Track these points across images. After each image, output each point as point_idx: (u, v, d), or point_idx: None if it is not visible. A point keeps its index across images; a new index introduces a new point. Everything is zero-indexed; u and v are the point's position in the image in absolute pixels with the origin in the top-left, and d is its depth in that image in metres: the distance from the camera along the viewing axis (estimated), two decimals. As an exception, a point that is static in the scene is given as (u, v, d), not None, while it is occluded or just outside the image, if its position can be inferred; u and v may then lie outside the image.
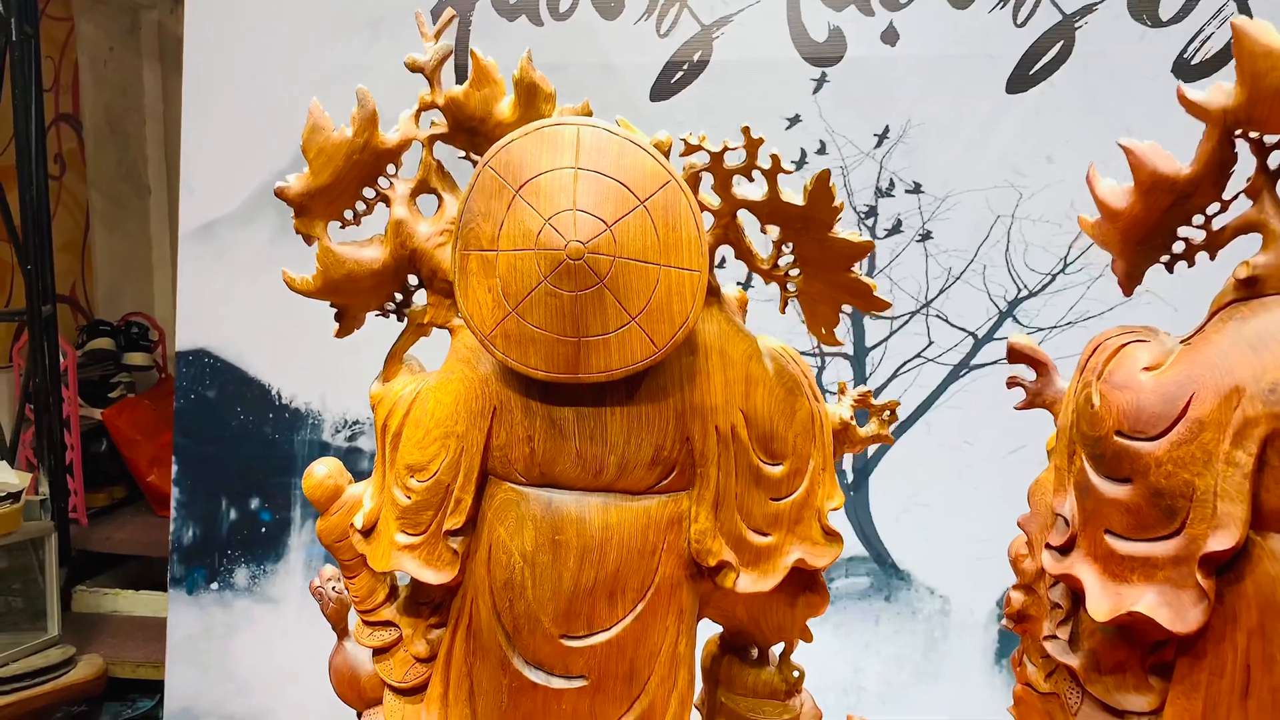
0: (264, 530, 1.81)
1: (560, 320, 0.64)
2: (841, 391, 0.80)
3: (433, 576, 0.72)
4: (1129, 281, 0.71)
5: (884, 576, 1.61)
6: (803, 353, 0.76)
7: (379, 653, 0.80)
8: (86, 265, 3.09)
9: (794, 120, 1.61)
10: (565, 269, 0.63)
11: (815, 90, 1.61)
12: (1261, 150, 0.64)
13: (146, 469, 2.74)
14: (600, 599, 0.69)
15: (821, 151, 1.61)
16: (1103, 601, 0.65)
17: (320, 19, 1.74)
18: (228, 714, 1.83)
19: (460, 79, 0.75)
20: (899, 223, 1.60)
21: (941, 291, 1.60)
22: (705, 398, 0.69)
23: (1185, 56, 1.52)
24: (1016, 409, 0.78)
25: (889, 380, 1.61)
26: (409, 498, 0.72)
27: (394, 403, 0.74)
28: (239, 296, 1.79)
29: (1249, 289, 0.64)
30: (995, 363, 1.58)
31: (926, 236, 1.60)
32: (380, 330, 0.81)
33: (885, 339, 1.62)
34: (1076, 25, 1.55)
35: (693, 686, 0.73)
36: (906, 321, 1.61)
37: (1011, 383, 0.79)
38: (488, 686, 0.72)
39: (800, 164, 1.60)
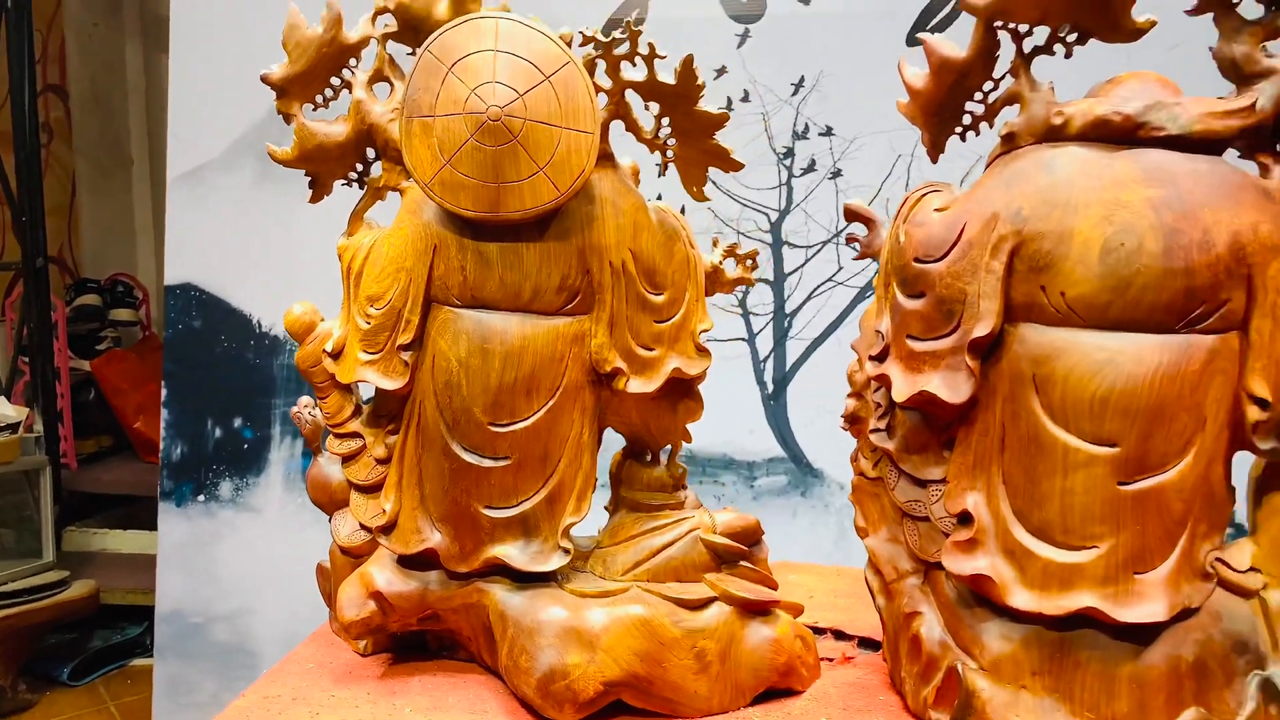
0: (246, 446, 1.99)
1: (484, 169, 0.83)
2: (714, 245, 1.00)
3: (389, 384, 0.91)
4: (934, 150, 0.91)
5: (800, 475, 1.81)
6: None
7: (347, 460, 0.98)
8: (73, 229, 3.26)
9: (721, 71, 1.81)
10: (487, 128, 0.82)
11: (739, 45, 1.81)
12: (1018, 37, 0.84)
13: (133, 416, 2.91)
14: (520, 394, 0.88)
15: (745, 99, 1.82)
16: (903, 387, 0.85)
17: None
18: (214, 614, 2.01)
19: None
20: (813, 162, 1.81)
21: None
22: (601, 238, 0.88)
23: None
24: (855, 259, 0.97)
25: (804, 302, 1.81)
26: (369, 323, 0.91)
27: (356, 250, 0.93)
28: (222, 235, 1.98)
29: (1009, 143, 0.84)
30: (898, 285, 1.78)
31: (837, 174, 1.80)
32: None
33: (801, 266, 1.82)
34: (966, -13, 1.75)
35: (595, 470, 0.92)
36: (819, 250, 1.81)
37: (850, 239, 0.99)
38: (433, 471, 0.91)
39: (729, 108, 1.80)
